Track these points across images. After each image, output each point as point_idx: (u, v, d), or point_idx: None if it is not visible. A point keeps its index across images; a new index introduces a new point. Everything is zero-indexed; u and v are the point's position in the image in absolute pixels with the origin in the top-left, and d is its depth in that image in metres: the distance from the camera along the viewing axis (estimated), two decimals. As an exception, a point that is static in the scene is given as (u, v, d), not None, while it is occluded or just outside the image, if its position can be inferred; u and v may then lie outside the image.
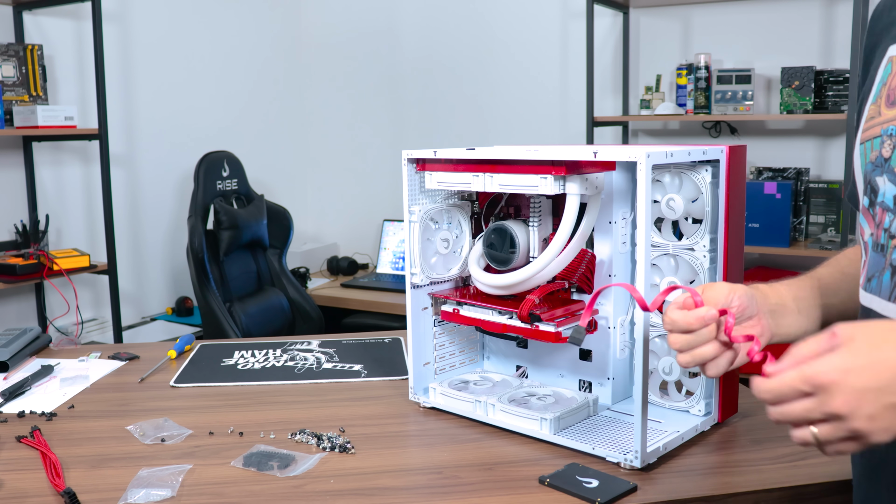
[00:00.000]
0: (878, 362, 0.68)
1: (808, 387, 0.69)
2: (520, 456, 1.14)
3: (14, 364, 1.58)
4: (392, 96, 4.03)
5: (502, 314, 1.24)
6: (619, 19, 3.47)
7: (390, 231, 3.81)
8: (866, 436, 0.68)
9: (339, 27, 4.10)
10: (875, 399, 0.67)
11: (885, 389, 0.67)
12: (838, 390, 0.68)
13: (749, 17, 3.25)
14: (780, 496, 1.03)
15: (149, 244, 3.45)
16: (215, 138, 3.63)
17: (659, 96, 3.34)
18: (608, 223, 1.24)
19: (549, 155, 1.13)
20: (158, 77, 3.43)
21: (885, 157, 0.78)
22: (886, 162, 0.77)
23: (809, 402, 0.69)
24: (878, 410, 0.67)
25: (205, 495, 1.03)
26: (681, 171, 1.20)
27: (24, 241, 2.87)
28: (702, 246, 1.20)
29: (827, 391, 0.68)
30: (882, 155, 0.78)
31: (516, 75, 3.72)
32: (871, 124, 0.81)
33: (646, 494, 1.01)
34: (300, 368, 1.58)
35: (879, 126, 0.79)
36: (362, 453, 1.16)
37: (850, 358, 0.68)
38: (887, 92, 0.80)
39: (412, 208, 1.30)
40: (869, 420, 0.67)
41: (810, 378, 0.69)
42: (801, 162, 3.19)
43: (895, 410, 0.67)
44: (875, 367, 0.68)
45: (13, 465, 1.14)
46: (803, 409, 0.70)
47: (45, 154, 3.04)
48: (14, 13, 2.90)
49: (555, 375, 1.36)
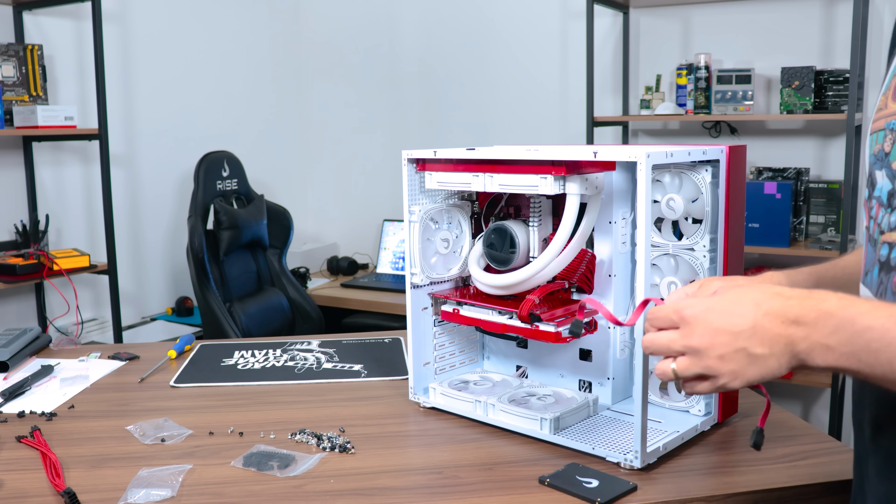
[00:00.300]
0: (738, 312, 0.75)
1: (676, 317, 0.78)
2: (520, 456, 1.14)
3: (14, 364, 1.58)
4: (392, 96, 4.03)
5: (502, 314, 1.24)
6: (619, 19, 3.47)
7: (390, 231, 3.81)
8: (716, 375, 0.76)
9: (339, 27, 4.10)
10: (728, 341, 0.74)
11: (739, 335, 0.74)
12: (698, 325, 0.76)
13: (749, 17, 3.25)
14: (780, 496, 1.03)
15: (149, 244, 3.45)
16: (215, 138, 3.63)
17: (659, 96, 3.34)
18: (608, 223, 1.24)
19: (549, 155, 1.13)
20: (158, 77, 3.43)
21: (885, 152, 0.77)
22: (886, 157, 0.77)
23: (673, 333, 0.78)
24: (729, 352, 0.74)
25: (205, 495, 1.03)
26: (681, 171, 1.20)
27: (24, 241, 2.86)
28: (702, 246, 1.20)
29: (689, 325, 0.77)
30: (884, 149, 0.78)
31: (516, 75, 3.72)
32: (879, 116, 0.81)
33: (646, 494, 1.01)
34: (300, 368, 1.58)
35: (884, 119, 0.79)
36: (362, 453, 1.16)
37: (716, 302, 0.77)
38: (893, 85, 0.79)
39: (412, 208, 1.30)
40: (719, 359, 0.75)
41: (679, 310, 0.78)
42: (801, 162, 3.19)
43: (744, 355, 0.74)
44: (734, 313, 0.75)
45: (13, 465, 1.14)
46: (668, 338, 0.79)
47: (45, 154, 3.04)
48: (14, 13, 2.90)
49: (555, 375, 1.36)
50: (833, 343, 0.70)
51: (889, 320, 0.68)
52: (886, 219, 0.76)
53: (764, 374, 0.75)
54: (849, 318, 0.69)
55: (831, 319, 0.70)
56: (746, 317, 0.74)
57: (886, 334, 0.67)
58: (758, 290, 0.76)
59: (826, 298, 0.72)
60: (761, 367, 0.74)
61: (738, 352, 0.74)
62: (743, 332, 0.74)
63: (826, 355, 0.71)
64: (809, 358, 0.72)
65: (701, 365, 0.76)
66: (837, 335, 0.70)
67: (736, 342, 0.74)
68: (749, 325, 0.74)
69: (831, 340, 0.70)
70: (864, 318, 0.68)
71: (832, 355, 0.70)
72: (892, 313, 0.68)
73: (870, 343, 0.68)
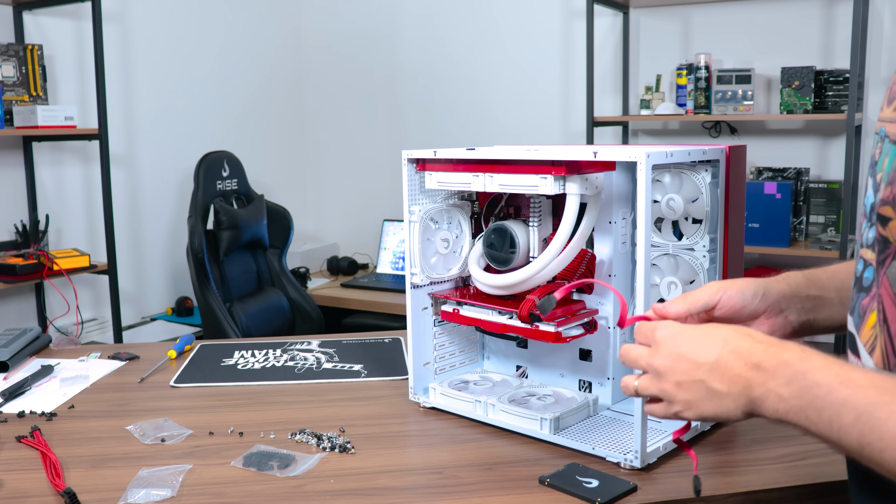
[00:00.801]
0: (706, 340, 0.76)
1: (651, 335, 0.80)
2: (520, 456, 1.14)
3: (14, 364, 1.58)
4: (392, 96, 4.03)
5: (502, 314, 1.24)
6: (619, 19, 3.47)
7: (390, 231, 3.81)
8: (670, 400, 0.77)
9: (339, 27, 4.10)
10: (688, 369, 0.76)
11: (701, 366, 0.75)
12: (664, 348, 0.78)
13: (749, 17, 3.25)
14: (780, 496, 1.03)
15: (149, 244, 3.45)
16: (215, 138, 3.63)
17: (659, 96, 3.34)
18: (608, 223, 1.24)
19: (549, 155, 1.13)
20: (158, 77, 3.43)
21: (875, 160, 0.76)
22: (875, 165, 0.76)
23: (644, 350, 0.80)
24: (687, 381, 0.76)
25: (205, 495, 1.03)
26: (681, 171, 1.20)
27: (24, 241, 2.87)
28: (702, 246, 1.20)
29: (657, 346, 0.79)
30: (874, 156, 0.77)
31: (516, 75, 3.72)
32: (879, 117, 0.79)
33: (646, 494, 1.01)
34: (300, 368, 1.58)
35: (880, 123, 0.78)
36: (362, 453, 1.16)
37: (688, 329, 0.79)
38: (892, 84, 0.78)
39: (412, 208, 1.30)
40: (676, 385, 0.76)
41: (653, 331, 0.80)
42: (801, 162, 3.19)
43: (701, 387, 0.75)
44: (702, 344, 0.76)
45: (13, 465, 1.14)
46: (637, 353, 0.81)
47: (45, 154, 3.04)
48: (14, 13, 2.90)
49: (555, 375, 1.36)
50: (786, 393, 0.70)
51: (836, 379, 0.67)
52: (866, 233, 0.75)
53: (718, 412, 0.75)
54: (802, 372, 0.69)
55: (788, 370, 0.70)
56: (712, 350, 0.75)
57: (830, 394, 0.66)
58: (732, 329, 0.77)
59: (789, 348, 0.72)
60: (716, 405, 0.75)
61: (697, 382, 0.75)
62: (705, 363, 0.75)
63: (778, 405, 0.71)
64: (763, 405, 0.72)
65: (658, 387, 0.78)
66: (791, 386, 0.70)
67: (696, 372, 0.75)
68: (713, 359, 0.74)
69: (785, 391, 0.70)
70: (815, 374, 0.68)
71: (783, 406, 0.70)
72: (840, 372, 0.67)
73: (815, 400, 0.67)
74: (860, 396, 0.64)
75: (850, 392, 0.65)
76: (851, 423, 0.64)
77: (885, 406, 0.63)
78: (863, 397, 0.64)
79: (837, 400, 0.66)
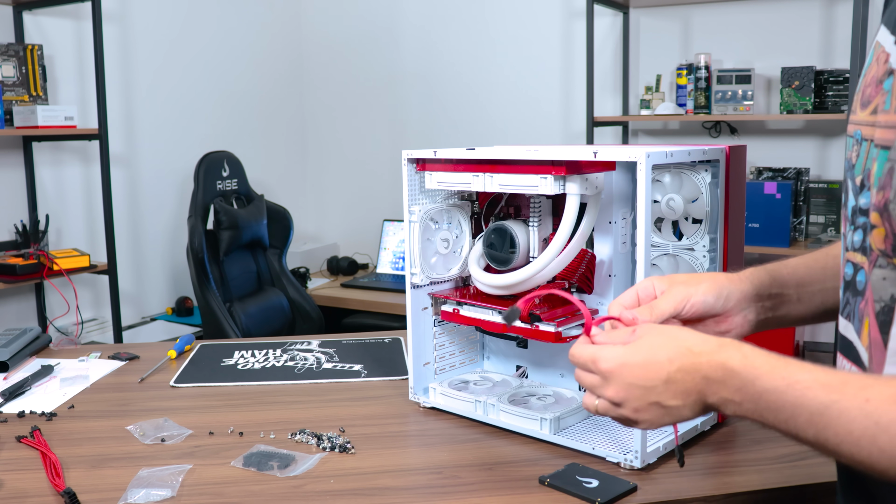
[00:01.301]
0: (651, 364, 0.77)
1: (594, 368, 0.80)
2: (520, 456, 1.14)
3: (14, 364, 1.58)
4: (392, 96, 4.03)
5: (502, 314, 1.24)
6: (619, 19, 3.47)
7: (390, 231, 3.81)
8: (634, 422, 0.80)
9: (340, 27, 4.10)
10: (641, 396, 0.77)
11: (652, 390, 0.77)
12: (613, 380, 0.79)
13: (749, 17, 3.25)
14: (780, 496, 1.03)
15: (149, 244, 3.45)
16: (215, 138, 3.63)
17: (659, 96, 3.34)
18: (608, 223, 1.24)
19: (549, 155, 1.13)
20: (158, 77, 3.43)
21: (851, 163, 0.76)
22: (852, 169, 0.76)
23: (595, 380, 0.81)
24: (643, 406, 0.78)
25: (205, 495, 1.03)
26: (681, 171, 1.20)
27: (24, 241, 2.87)
28: (702, 246, 1.20)
29: (605, 378, 0.79)
30: (850, 159, 0.77)
31: (516, 75, 3.72)
32: (851, 119, 0.79)
33: (646, 494, 1.01)
34: (300, 368, 1.58)
35: (853, 126, 0.78)
36: (362, 453, 1.16)
37: (631, 354, 0.79)
38: (863, 88, 0.77)
39: (412, 208, 1.30)
40: (635, 412, 0.78)
41: (595, 361, 0.80)
42: (801, 162, 3.19)
43: (657, 408, 0.77)
44: (648, 368, 0.77)
45: (13, 465, 1.14)
46: (591, 382, 0.81)
47: (45, 154, 3.04)
48: (14, 13, 2.90)
49: (555, 375, 1.36)
50: (739, 399, 0.73)
51: (782, 383, 0.69)
52: (851, 236, 0.76)
53: (678, 420, 0.79)
54: (749, 380, 0.72)
55: (735, 378, 0.73)
56: (660, 373, 0.77)
57: (781, 397, 0.69)
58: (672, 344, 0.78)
59: (731, 356, 0.74)
60: (675, 416, 0.78)
61: (652, 405, 0.78)
62: (656, 387, 0.77)
63: (735, 408, 0.74)
64: (721, 409, 0.75)
65: (618, 413, 0.80)
66: (742, 393, 0.72)
67: (649, 396, 0.77)
68: (662, 381, 0.77)
69: (737, 397, 0.73)
70: (762, 381, 0.71)
71: (740, 409, 0.73)
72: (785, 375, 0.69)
73: (768, 405, 0.70)
74: (809, 398, 0.67)
75: (799, 394, 0.68)
76: (806, 423, 0.67)
77: (834, 405, 0.65)
78: (811, 399, 0.67)
79: (789, 402, 0.69)
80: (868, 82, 0.75)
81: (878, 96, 0.72)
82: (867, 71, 0.77)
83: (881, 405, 0.63)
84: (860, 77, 0.79)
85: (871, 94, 0.74)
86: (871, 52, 0.78)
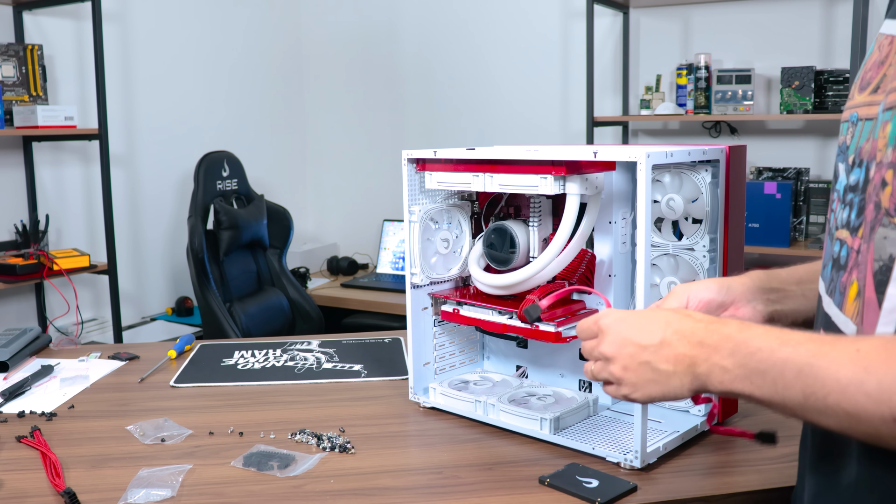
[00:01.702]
0: (649, 323, 0.80)
1: (595, 327, 0.85)
2: (520, 456, 1.14)
3: (14, 364, 1.58)
4: (392, 96, 4.03)
5: (502, 314, 1.24)
6: (619, 19, 3.47)
7: (390, 231, 3.81)
8: (620, 383, 0.81)
9: (339, 27, 4.10)
10: (634, 353, 0.79)
11: (646, 349, 0.79)
12: (609, 334, 0.82)
13: (749, 17, 3.25)
14: (780, 496, 1.03)
15: (149, 244, 3.45)
16: (215, 138, 3.63)
17: (659, 96, 3.34)
18: (608, 223, 1.24)
19: (549, 155, 1.13)
20: (158, 77, 3.43)
21: (846, 145, 0.77)
22: (846, 150, 0.77)
23: (594, 342, 0.85)
24: (633, 364, 0.79)
25: (205, 495, 1.03)
26: (681, 171, 1.20)
27: (24, 241, 2.86)
28: (702, 246, 1.20)
29: (603, 333, 0.83)
30: (845, 141, 0.77)
31: (516, 75, 3.72)
32: (847, 106, 0.80)
33: (646, 494, 1.01)
34: (300, 368, 1.58)
35: (849, 111, 0.78)
36: (362, 453, 1.16)
37: (631, 315, 0.83)
38: (862, 74, 0.78)
39: (412, 208, 1.30)
40: (623, 369, 0.80)
41: (597, 320, 0.85)
42: (801, 162, 3.19)
43: (647, 369, 0.78)
44: (644, 328, 0.80)
45: (13, 465, 1.14)
46: (590, 346, 0.86)
47: (45, 154, 3.04)
48: (14, 13, 2.90)
49: (555, 375, 1.36)
50: (729, 365, 0.72)
51: (775, 341, 0.70)
52: (841, 214, 0.76)
53: (665, 391, 0.78)
54: (743, 341, 0.72)
55: (729, 342, 0.73)
56: (655, 333, 0.78)
57: (772, 355, 0.69)
58: (674, 313, 0.80)
59: (728, 323, 0.75)
60: (663, 385, 0.78)
61: (642, 364, 0.79)
62: (650, 346, 0.78)
63: (723, 376, 0.73)
64: (709, 380, 0.75)
65: (607, 371, 0.82)
66: (733, 357, 0.72)
67: (641, 355, 0.78)
68: (657, 341, 0.78)
69: (728, 362, 0.73)
70: (756, 341, 0.71)
71: (728, 376, 0.73)
72: (780, 335, 0.70)
73: (759, 364, 0.70)
74: (800, 352, 0.67)
75: (791, 350, 0.68)
76: (794, 378, 0.67)
77: (824, 356, 0.65)
78: (803, 352, 0.67)
79: (780, 359, 0.68)
80: (869, 67, 0.77)
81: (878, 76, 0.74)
82: (867, 59, 0.78)
83: (871, 352, 0.63)
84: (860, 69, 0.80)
85: (872, 76, 0.75)
86: (873, 44, 0.79)
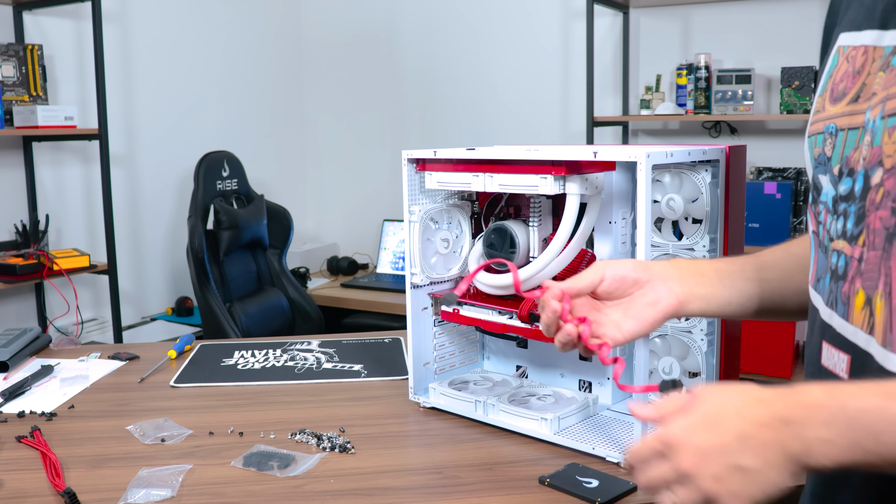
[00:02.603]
0: (719, 423, 0.67)
1: (662, 447, 0.70)
2: (520, 456, 1.14)
3: (14, 364, 1.58)
4: (392, 96, 4.03)
5: (502, 314, 1.24)
6: (619, 19, 3.47)
7: (390, 231, 3.81)
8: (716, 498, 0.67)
9: (340, 27, 4.10)
10: (718, 459, 0.66)
11: (727, 450, 0.66)
12: (683, 448, 0.68)
13: (749, 17, 3.25)
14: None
15: (149, 244, 3.45)
16: (215, 138, 3.63)
17: (659, 96, 3.34)
18: (608, 223, 1.24)
19: (549, 155, 1.13)
20: (158, 77, 3.43)
21: (827, 156, 0.76)
22: (828, 161, 0.76)
23: (665, 465, 0.69)
24: (723, 471, 0.66)
25: (205, 495, 1.03)
26: (681, 171, 1.20)
27: (24, 241, 2.86)
28: (702, 246, 1.20)
29: (675, 450, 0.68)
30: (825, 153, 0.77)
31: (516, 75, 3.72)
32: (816, 118, 0.79)
33: (646, 494, 1.01)
34: (300, 368, 1.58)
35: (822, 122, 0.78)
36: (362, 453, 1.16)
37: (694, 417, 0.69)
38: (831, 86, 0.78)
39: (412, 208, 1.30)
40: (715, 481, 0.66)
41: (663, 437, 0.70)
42: (801, 162, 3.19)
43: (740, 473, 0.66)
44: (716, 426, 0.67)
45: (13, 465, 1.14)
46: (661, 472, 0.70)
47: (45, 154, 3.04)
48: (14, 13, 2.90)
49: (555, 375, 1.36)
50: (830, 436, 0.63)
51: (880, 398, 0.62)
52: (834, 225, 0.75)
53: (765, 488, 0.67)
54: (839, 405, 0.64)
55: (821, 411, 0.64)
56: (731, 430, 0.67)
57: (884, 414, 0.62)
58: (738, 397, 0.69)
59: (810, 391, 0.66)
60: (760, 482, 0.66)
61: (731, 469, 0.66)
62: (730, 445, 0.67)
63: (827, 450, 0.64)
64: (810, 458, 0.65)
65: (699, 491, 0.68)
66: (833, 427, 0.63)
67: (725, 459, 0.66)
68: (735, 437, 0.67)
69: (827, 434, 0.64)
70: (855, 402, 0.63)
71: (834, 449, 0.64)
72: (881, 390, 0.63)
73: (868, 427, 0.62)
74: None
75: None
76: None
77: None
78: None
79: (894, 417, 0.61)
80: (839, 79, 0.76)
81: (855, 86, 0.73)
82: (832, 72, 0.78)
83: None
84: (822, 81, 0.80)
85: (847, 86, 0.75)
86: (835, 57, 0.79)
